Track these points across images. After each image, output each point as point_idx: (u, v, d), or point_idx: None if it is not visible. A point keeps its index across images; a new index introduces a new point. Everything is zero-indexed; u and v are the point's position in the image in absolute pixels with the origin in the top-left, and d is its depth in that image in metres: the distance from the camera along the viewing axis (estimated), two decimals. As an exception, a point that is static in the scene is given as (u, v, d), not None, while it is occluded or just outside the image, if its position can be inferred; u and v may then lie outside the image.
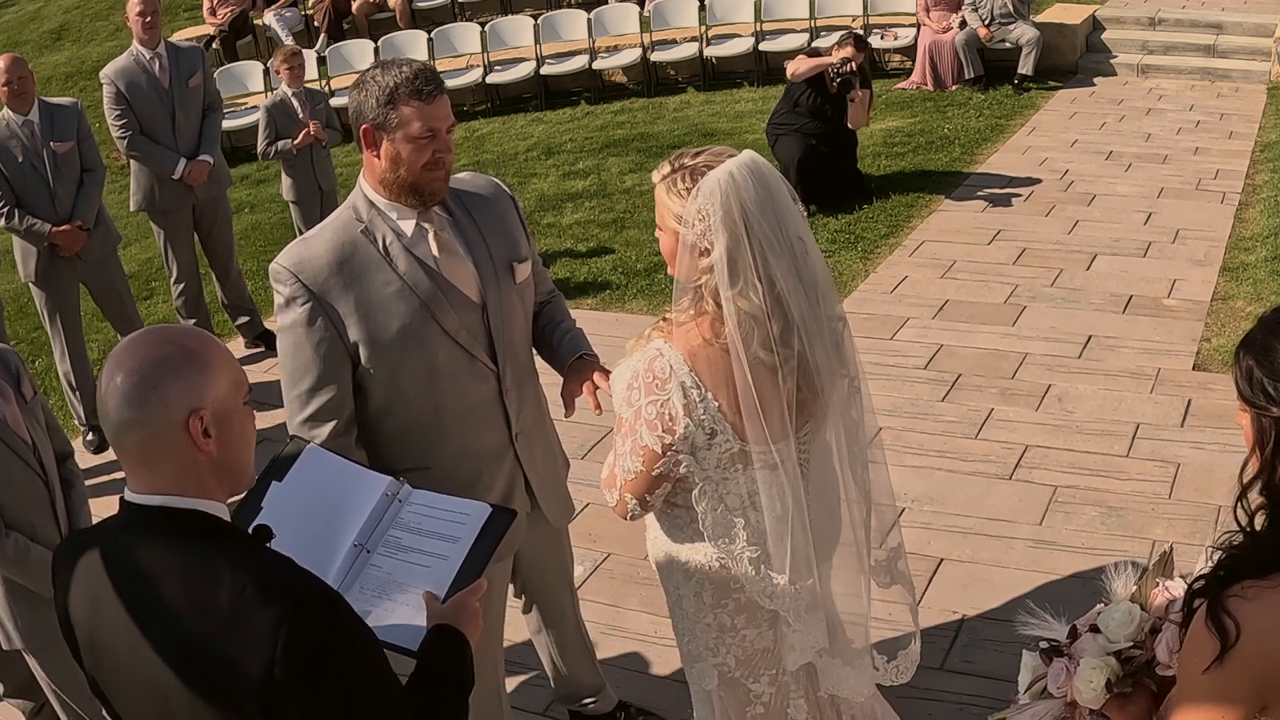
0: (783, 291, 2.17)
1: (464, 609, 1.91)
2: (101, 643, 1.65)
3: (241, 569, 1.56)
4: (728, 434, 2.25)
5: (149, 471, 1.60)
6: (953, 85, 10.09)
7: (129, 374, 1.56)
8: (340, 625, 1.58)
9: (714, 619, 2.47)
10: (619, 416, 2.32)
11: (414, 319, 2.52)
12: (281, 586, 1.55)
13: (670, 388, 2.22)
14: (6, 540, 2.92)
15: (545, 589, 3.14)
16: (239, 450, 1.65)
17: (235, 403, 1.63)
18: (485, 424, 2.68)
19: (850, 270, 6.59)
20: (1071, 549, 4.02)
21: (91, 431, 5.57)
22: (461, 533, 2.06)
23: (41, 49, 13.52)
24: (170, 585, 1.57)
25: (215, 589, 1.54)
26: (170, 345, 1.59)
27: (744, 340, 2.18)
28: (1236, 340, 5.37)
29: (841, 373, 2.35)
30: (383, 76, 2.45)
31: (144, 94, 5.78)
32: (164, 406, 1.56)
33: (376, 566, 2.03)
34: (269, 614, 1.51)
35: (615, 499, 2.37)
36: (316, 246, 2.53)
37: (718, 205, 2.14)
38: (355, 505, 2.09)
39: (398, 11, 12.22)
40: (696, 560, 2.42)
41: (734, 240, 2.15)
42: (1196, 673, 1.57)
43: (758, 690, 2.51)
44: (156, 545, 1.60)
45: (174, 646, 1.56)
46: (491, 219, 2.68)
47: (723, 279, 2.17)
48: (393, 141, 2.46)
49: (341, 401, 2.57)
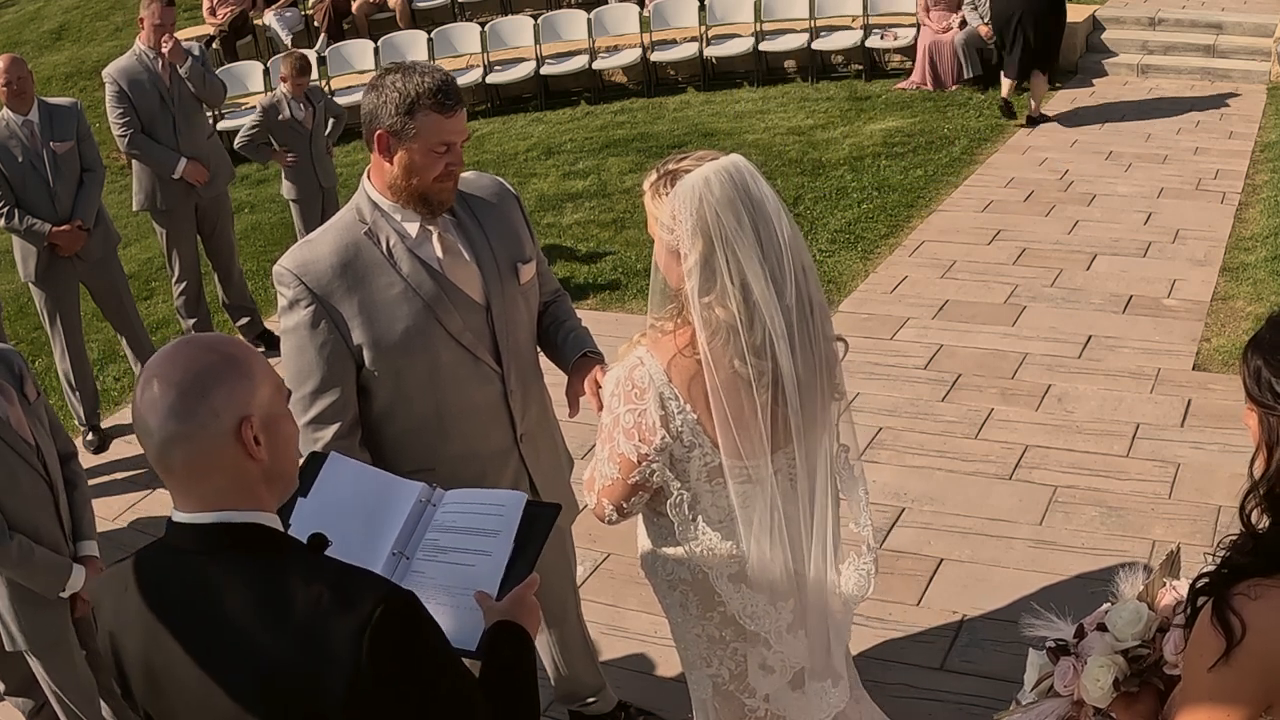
0: (758, 302, 2.10)
1: (522, 603, 1.87)
2: (161, 672, 1.58)
3: (314, 579, 1.52)
4: (705, 447, 2.20)
5: (199, 487, 1.54)
6: (953, 85, 10.09)
7: (171, 386, 1.49)
8: (422, 626, 1.55)
9: (702, 630, 2.43)
10: (601, 422, 2.30)
11: (417, 321, 2.52)
12: (361, 591, 1.51)
13: (648, 398, 2.18)
14: (10, 542, 2.92)
15: (548, 588, 3.12)
16: (287, 455, 1.60)
17: (280, 407, 1.58)
18: (490, 425, 2.68)
19: (850, 270, 6.59)
20: (1071, 549, 4.02)
21: (91, 431, 5.57)
22: (501, 525, 2.01)
23: (41, 49, 13.52)
24: (238, 603, 1.51)
25: (288, 602, 1.50)
26: (212, 353, 1.53)
27: (719, 351, 2.13)
28: (1236, 340, 5.36)
29: (834, 395, 2.29)
30: (404, 83, 2.41)
31: (145, 93, 5.78)
32: (214, 416, 1.49)
33: (419, 572, 1.99)
34: (351, 620, 1.47)
35: (594, 502, 2.34)
36: (320, 249, 2.52)
37: (690, 210, 2.09)
38: (389, 513, 2.06)
39: (398, 11, 12.22)
40: (681, 572, 2.39)
41: (707, 246, 2.09)
42: (1202, 671, 1.57)
43: (752, 705, 2.47)
44: (219, 563, 1.53)
45: (246, 666, 1.51)
46: (496, 220, 2.68)
47: (694, 285, 2.11)
48: (409, 151, 2.44)
49: (345, 404, 2.57)
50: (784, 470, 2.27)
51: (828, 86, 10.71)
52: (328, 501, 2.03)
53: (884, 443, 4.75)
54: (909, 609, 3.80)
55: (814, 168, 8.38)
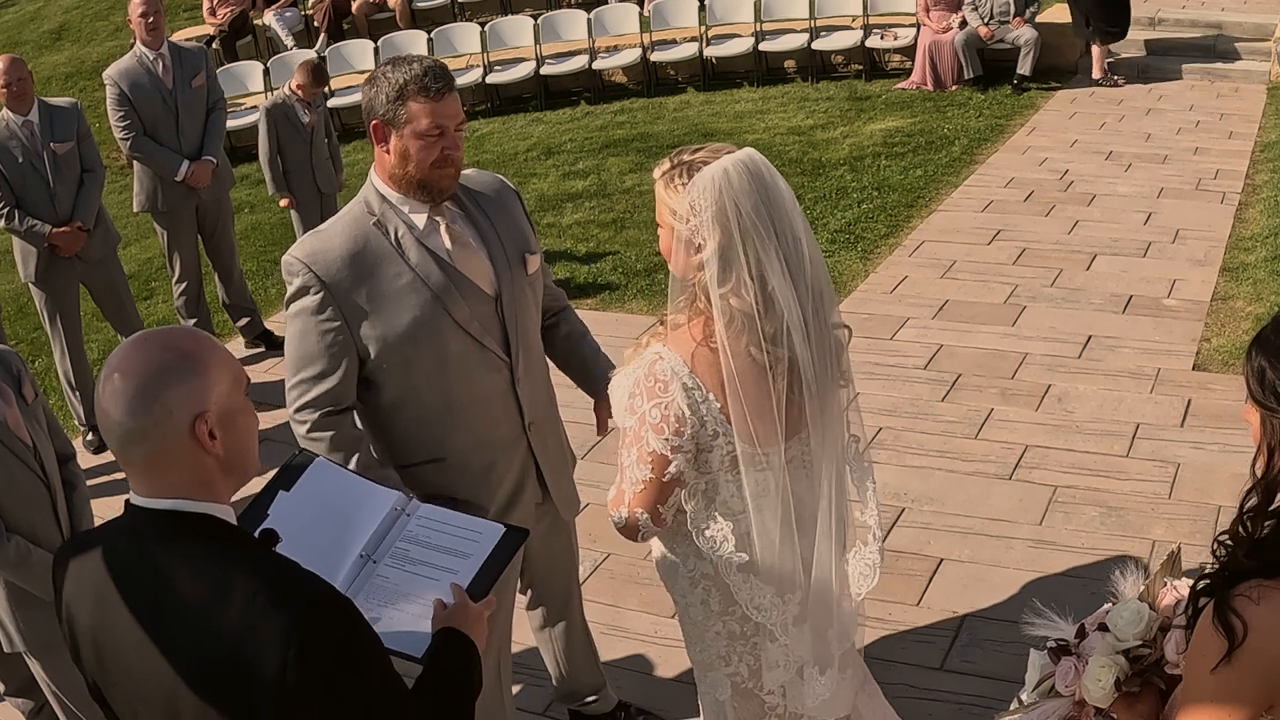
0: (775, 291, 2.14)
1: (468, 612, 1.91)
2: (107, 645, 1.64)
3: (254, 574, 1.56)
4: (729, 435, 2.23)
5: (157, 479, 1.59)
6: (952, 85, 10.10)
7: (128, 384, 1.55)
8: (352, 630, 1.59)
9: (723, 627, 2.43)
10: (623, 429, 2.29)
11: (425, 311, 2.55)
12: (294, 591, 1.55)
13: (673, 389, 2.20)
14: (7, 543, 2.91)
15: (552, 583, 3.14)
16: (245, 446, 1.65)
17: (237, 399, 1.62)
18: (499, 414, 2.70)
19: (850, 270, 6.59)
20: (1071, 549, 4.02)
21: (91, 431, 5.57)
22: (474, 550, 2.07)
23: (41, 49, 13.52)
24: (181, 588, 1.56)
25: (227, 593, 1.54)
26: (167, 351, 1.57)
27: (735, 339, 2.16)
28: (1237, 340, 5.35)
29: (840, 383, 2.32)
30: (393, 73, 2.49)
31: (147, 95, 5.77)
32: (168, 414, 1.55)
33: (383, 577, 2.04)
34: (282, 619, 1.51)
35: (623, 518, 2.31)
36: (330, 239, 2.56)
37: (710, 200, 2.13)
38: (362, 518, 2.11)
39: (398, 11, 12.23)
40: (703, 567, 2.39)
41: (726, 236, 2.13)
42: (1204, 672, 1.57)
43: (772, 702, 2.47)
44: (167, 549, 1.59)
45: (184, 649, 1.55)
46: (500, 212, 2.72)
47: (713, 275, 2.15)
48: (401, 138, 2.50)
49: (343, 393, 2.59)
50: (797, 459, 2.29)
51: (828, 86, 10.72)
52: (306, 498, 2.09)
53: (884, 443, 4.75)
54: (909, 609, 3.80)
55: (814, 168, 8.38)
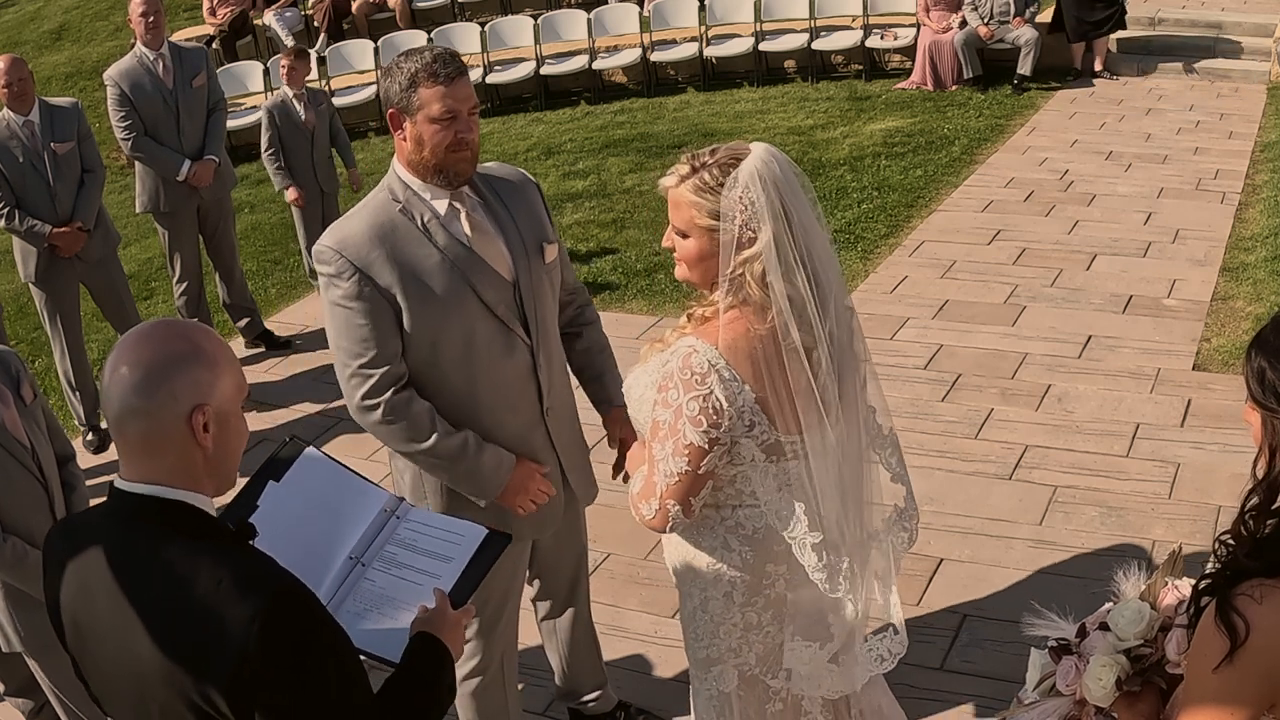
0: (817, 272, 2.22)
1: (445, 616, 1.94)
2: (86, 626, 1.69)
3: (221, 563, 1.59)
4: (763, 424, 2.25)
5: (146, 460, 1.63)
6: (952, 85, 10.10)
7: (140, 364, 1.59)
8: (313, 625, 1.61)
9: (741, 618, 2.46)
10: (654, 422, 2.29)
11: (454, 290, 2.59)
12: (258, 583, 1.58)
13: (711, 381, 2.22)
14: (4, 544, 2.92)
15: (559, 572, 3.15)
16: (231, 452, 1.69)
17: (235, 405, 1.67)
18: (519, 398, 2.74)
19: (850, 270, 6.58)
20: (1071, 549, 4.02)
21: (91, 431, 5.57)
22: (455, 553, 2.10)
23: (41, 49, 13.52)
24: (151, 574, 1.60)
25: (193, 581, 1.57)
26: (183, 341, 1.63)
27: (785, 326, 2.21)
28: (1237, 340, 5.34)
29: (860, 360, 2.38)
30: (406, 62, 2.55)
31: (148, 95, 5.76)
32: (172, 399, 1.59)
33: (371, 581, 2.06)
34: (244, 609, 1.54)
35: (653, 509, 2.32)
36: (357, 224, 2.59)
37: (760, 192, 2.18)
38: (352, 517, 2.12)
39: (398, 11, 12.23)
40: (730, 560, 2.41)
41: (778, 225, 2.19)
42: (1205, 671, 1.57)
43: (776, 686, 2.50)
44: (140, 534, 1.63)
45: (152, 634, 1.59)
46: (519, 202, 2.77)
47: (772, 265, 2.19)
48: (415, 124, 2.55)
49: (400, 370, 2.61)
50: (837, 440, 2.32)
51: (828, 86, 10.72)
52: (296, 491, 2.10)
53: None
54: (909, 609, 3.79)
55: (814, 168, 8.38)
